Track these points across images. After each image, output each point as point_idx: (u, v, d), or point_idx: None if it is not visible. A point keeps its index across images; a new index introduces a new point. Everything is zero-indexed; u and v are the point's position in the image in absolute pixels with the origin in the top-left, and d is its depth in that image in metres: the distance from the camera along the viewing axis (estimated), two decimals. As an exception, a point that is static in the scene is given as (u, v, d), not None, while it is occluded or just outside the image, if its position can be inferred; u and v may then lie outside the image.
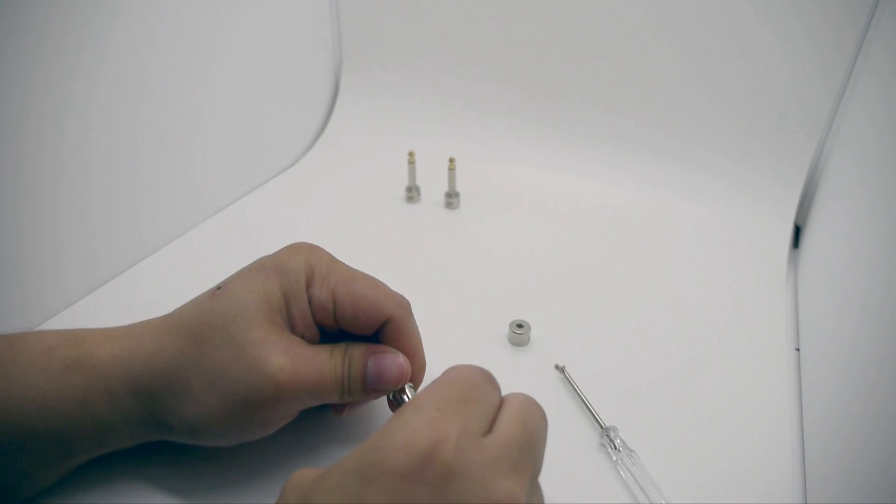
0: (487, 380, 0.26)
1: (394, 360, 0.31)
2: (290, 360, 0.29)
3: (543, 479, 0.25)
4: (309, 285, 0.31)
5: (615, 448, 0.33)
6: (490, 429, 0.24)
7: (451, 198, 0.59)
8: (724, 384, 0.39)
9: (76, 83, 0.42)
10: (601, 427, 0.35)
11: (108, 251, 0.48)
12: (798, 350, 0.43)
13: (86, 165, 0.44)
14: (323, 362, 0.30)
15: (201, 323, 0.29)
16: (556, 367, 0.39)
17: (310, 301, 0.31)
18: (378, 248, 0.52)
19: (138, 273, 0.49)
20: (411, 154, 0.58)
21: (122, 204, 0.48)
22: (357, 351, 0.31)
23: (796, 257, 0.54)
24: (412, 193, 0.60)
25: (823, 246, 0.47)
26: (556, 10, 0.60)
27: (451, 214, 0.58)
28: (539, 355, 0.41)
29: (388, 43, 0.69)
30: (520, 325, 0.42)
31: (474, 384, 0.25)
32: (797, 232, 0.55)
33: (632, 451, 0.33)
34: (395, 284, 0.34)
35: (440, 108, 0.68)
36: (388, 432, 0.22)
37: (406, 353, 0.32)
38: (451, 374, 0.25)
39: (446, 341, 0.38)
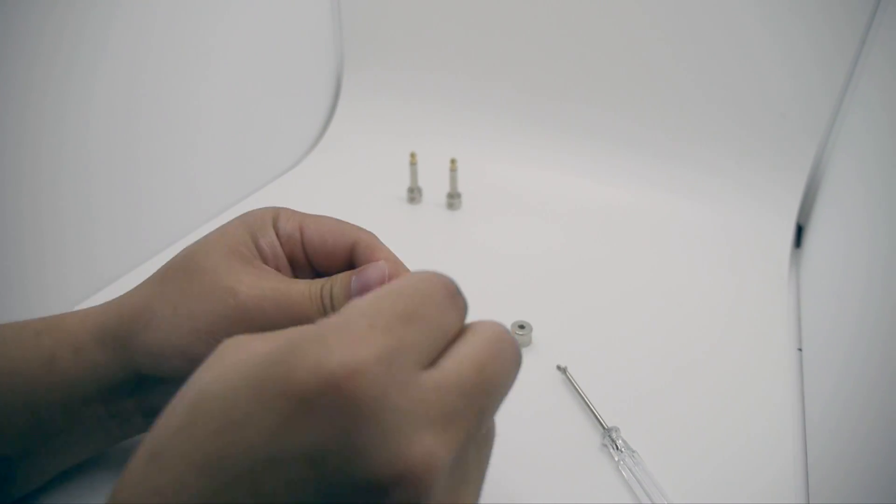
0: (449, 295, 0.20)
1: (376, 267, 0.29)
2: (253, 278, 0.28)
3: (543, 478, 0.25)
4: (275, 221, 0.31)
5: (617, 448, 0.33)
6: (434, 361, 0.19)
7: (453, 199, 0.59)
8: (726, 384, 0.39)
9: (76, 86, 0.42)
10: (603, 427, 0.35)
11: (111, 253, 0.48)
12: (800, 350, 0.43)
13: (87, 168, 0.45)
14: (295, 283, 0.28)
15: (167, 266, 0.30)
16: (558, 367, 0.39)
17: (277, 235, 0.31)
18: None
19: (140, 275, 0.48)
20: (413, 155, 0.58)
21: (124, 206, 0.48)
22: (339, 276, 0.29)
23: (798, 257, 0.54)
24: (414, 194, 0.60)
25: (825, 245, 0.47)
26: (558, 11, 0.60)
27: (453, 215, 0.58)
28: (541, 356, 0.41)
29: (390, 44, 0.69)
30: (521, 326, 0.42)
31: (428, 299, 0.20)
32: (799, 231, 0.55)
33: (634, 451, 0.33)
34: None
35: (441, 110, 0.68)
36: (303, 345, 0.17)
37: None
38: (403, 281, 0.20)
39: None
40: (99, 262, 0.47)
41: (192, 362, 0.21)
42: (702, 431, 0.36)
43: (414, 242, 0.54)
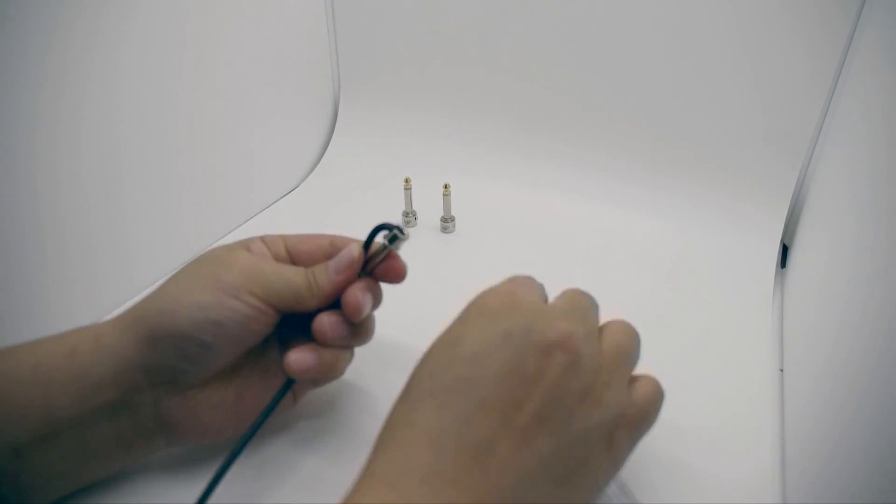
0: (594, 304, 0.33)
1: (346, 250, 0.35)
2: (252, 255, 0.34)
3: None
4: (261, 238, 0.37)
5: (601, 469, 0.34)
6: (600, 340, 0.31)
7: (447, 222, 0.60)
8: (708, 405, 0.40)
9: (71, 109, 0.44)
10: (588, 449, 0.36)
11: (113, 280, 0.50)
12: (782, 370, 0.44)
13: (88, 196, 0.46)
14: (288, 266, 0.35)
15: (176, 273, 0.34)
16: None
17: (263, 241, 0.36)
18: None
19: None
20: (407, 180, 0.60)
21: (124, 233, 0.50)
22: (319, 265, 0.35)
23: (783, 277, 0.55)
24: (409, 218, 0.61)
25: (808, 265, 0.49)
26: (548, 41, 0.62)
27: (447, 238, 0.60)
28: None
29: (385, 72, 0.71)
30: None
31: (586, 303, 0.33)
32: (785, 252, 0.56)
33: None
34: (392, 307, 0.36)
35: (435, 136, 0.70)
36: (535, 319, 0.29)
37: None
38: (569, 293, 0.33)
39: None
40: (101, 289, 0.49)
41: (201, 309, 0.31)
42: (684, 452, 0.37)
43: (409, 264, 0.55)
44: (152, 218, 0.52)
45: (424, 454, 0.25)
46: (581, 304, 0.32)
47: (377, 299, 0.36)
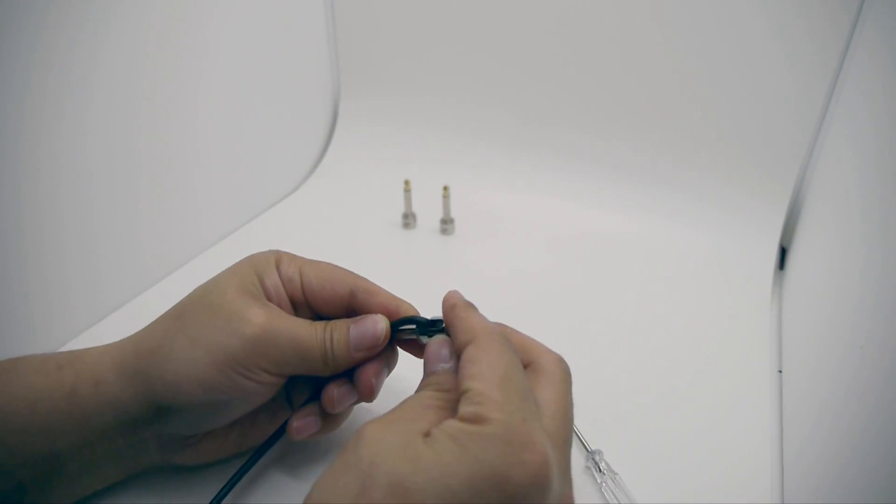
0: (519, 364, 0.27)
1: (373, 320, 0.32)
2: (266, 312, 0.30)
3: None
4: (278, 265, 0.33)
5: (600, 471, 0.35)
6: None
7: (446, 224, 0.60)
8: (707, 407, 0.40)
9: (75, 110, 0.44)
10: (587, 450, 0.36)
11: (114, 281, 0.50)
12: (780, 372, 0.44)
13: (88, 197, 0.46)
14: (301, 323, 0.31)
15: (183, 302, 0.32)
16: (545, 391, 0.41)
17: (280, 277, 0.33)
18: (376, 273, 0.53)
19: (144, 302, 0.51)
20: (407, 182, 0.60)
21: (125, 234, 0.50)
22: (339, 323, 0.32)
23: (782, 279, 0.55)
24: (408, 220, 0.61)
25: (806, 267, 0.49)
26: (548, 42, 0.62)
27: (447, 240, 0.60)
28: (529, 379, 0.42)
29: (385, 76, 0.71)
30: (510, 351, 0.43)
31: (518, 372, 0.26)
32: (783, 254, 0.57)
33: (616, 473, 0.34)
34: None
35: (434, 138, 0.70)
36: (506, 448, 0.23)
37: (386, 311, 0.33)
38: (497, 365, 0.26)
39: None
40: (102, 290, 0.49)
41: (209, 391, 0.29)
42: (682, 453, 0.37)
43: (409, 266, 0.56)
44: (153, 220, 0.52)
45: None
46: (520, 387, 0.26)
47: (392, 368, 0.35)
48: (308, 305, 0.34)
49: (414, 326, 0.32)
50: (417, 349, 0.34)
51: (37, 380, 0.30)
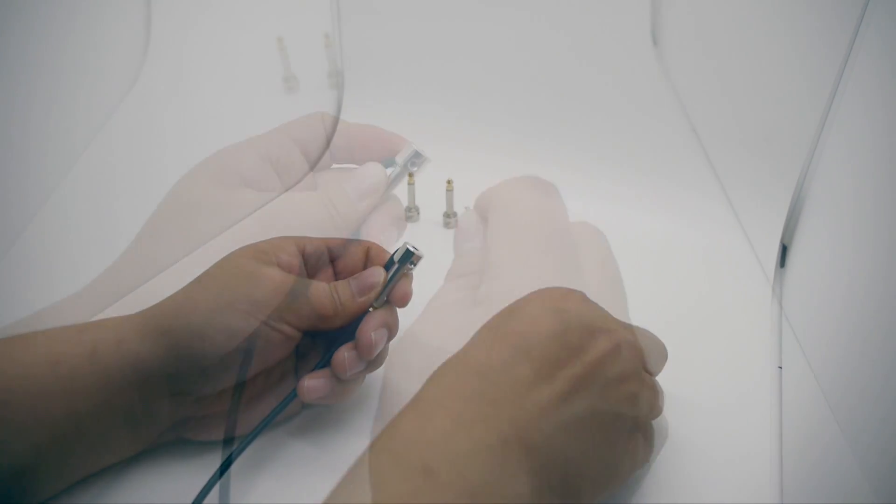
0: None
1: (369, 272, 0.36)
2: (281, 272, 0.34)
3: None
4: (287, 245, 0.36)
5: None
6: None
7: (449, 217, 0.61)
8: (707, 402, 0.41)
9: (79, 110, 0.44)
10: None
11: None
12: (780, 368, 0.45)
13: (86, 199, 0.46)
14: (312, 282, 0.35)
15: (202, 273, 0.34)
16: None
17: (289, 252, 0.36)
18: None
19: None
20: (410, 175, 0.60)
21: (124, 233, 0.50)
22: (342, 282, 0.36)
23: (782, 276, 0.55)
24: (412, 213, 0.62)
25: (807, 265, 0.49)
26: (553, 36, 0.62)
27: (449, 233, 0.60)
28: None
29: (389, 69, 0.71)
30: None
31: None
32: (784, 251, 0.57)
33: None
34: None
35: (438, 131, 0.69)
36: (588, 311, 0.32)
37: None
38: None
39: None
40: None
41: (232, 338, 0.32)
42: (681, 450, 0.37)
43: (411, 261, 0.56)
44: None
45: (471, 381, 0.28)
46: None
47: (393, 332, 0.37)
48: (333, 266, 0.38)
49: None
50: (400, 298, 0.37)
51: (59, 343, 0.31)
